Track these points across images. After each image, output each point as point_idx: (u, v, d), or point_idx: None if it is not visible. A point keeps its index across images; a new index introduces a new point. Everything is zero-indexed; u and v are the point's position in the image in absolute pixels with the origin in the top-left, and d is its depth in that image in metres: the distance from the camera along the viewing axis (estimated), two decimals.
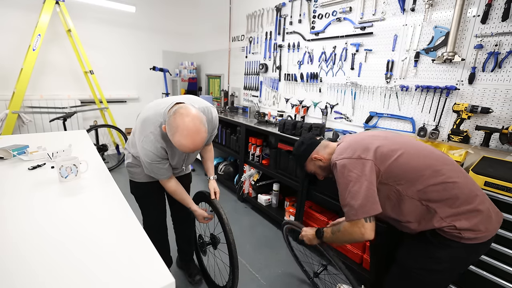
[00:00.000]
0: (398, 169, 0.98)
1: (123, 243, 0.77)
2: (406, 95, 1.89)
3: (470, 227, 0.92)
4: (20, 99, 2.95)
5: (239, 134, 2.81)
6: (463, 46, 1.60)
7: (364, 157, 1.00)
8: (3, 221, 0.84)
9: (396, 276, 1.12)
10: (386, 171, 0.99)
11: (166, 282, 0.63)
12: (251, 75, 3.32)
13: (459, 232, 0.92)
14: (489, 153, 1.55)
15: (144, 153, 1.16)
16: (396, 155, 0.99)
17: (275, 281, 1.79)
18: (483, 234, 0.93)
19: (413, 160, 0.98)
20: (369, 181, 0.96)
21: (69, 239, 0.77)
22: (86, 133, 2.00)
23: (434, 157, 1.01)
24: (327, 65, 2.39)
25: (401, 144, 1.03)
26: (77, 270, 0.65)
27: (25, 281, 0.61)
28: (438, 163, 0.98)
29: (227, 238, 1.37)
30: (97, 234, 0.80)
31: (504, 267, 1.16)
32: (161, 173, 1.25)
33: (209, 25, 4.09)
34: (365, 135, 1.14)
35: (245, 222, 2.48)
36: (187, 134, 0.99)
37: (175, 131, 1.00)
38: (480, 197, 0.96)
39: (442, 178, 0.95)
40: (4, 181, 1.12)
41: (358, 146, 1.05)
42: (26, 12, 3.14)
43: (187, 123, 0.99)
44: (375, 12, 2.00)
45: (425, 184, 0.95)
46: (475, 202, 0.94)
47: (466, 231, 0.92)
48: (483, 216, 0.93)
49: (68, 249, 0.72)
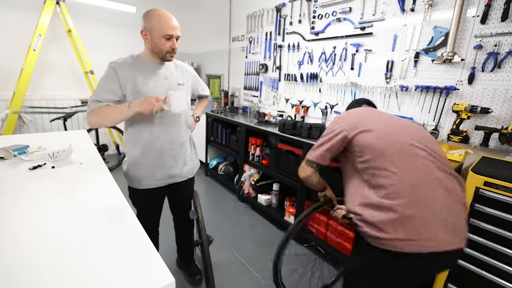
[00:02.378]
0: (360, 142, 1.00)
1: (123, 243, 0.77)
2: (405, 95, 1.90)
3: (375, 223, 0.87)
4: (21, 99, 2.96)
5: (239, 134, 2.81)
6: (462, 46, 1.60)
7: (340, 122, 1.08)
8: (3, 221, 0.84)
9: None
10: (351, 140, 1.03)
11: (166, 282, 0.63)
12: (251, 75, 3.32)
13: (360, 224, 0.92)
14: (489, 153, 1.55)
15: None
16: (364, 129, 1.01)
17: None
18: (392, 237, 0.85)
19: (376, 140, 0.97)
20: (332, 141, 1.06)
21: (69, 239, 0.77)
22: (87, 133, 2.01)
23: (398, 145, 0.95)
24: (327, 65, 2.39)
25: (379, 123, 1.03)
26: (76, 270, 0.65)
27: (25, 281, 0.61)
28: (394, 151, 0.94)
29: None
30: (97, 234, 0.80)
31: (504, 267, 1.16)
32: (99, 94, 1.19)
33: (209, 26, 4.09)
34: (363, 111, 1.16)
35: (245, 222, 2.49)
36: (164, 11, 1.21)
37: (152, 13, 1.19)
38: (420, 202, 0.86)
39: (387, 164, 0.92)
40: (5, 181, 1.12)
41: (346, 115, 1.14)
42: (26, 13, 3.14)
43: (161, 9, 1.22)
44: (375, 13, 2.00)
45: (372, 164, 0.95)
46: (402, 202, 0.86)
47: (368, 224, 0.89)
48: (402, 219, 0.85)
49: (68, 249, 0.72)
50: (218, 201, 2.91)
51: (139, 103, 1.17)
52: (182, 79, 1.40)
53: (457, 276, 1.33)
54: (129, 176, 1.36)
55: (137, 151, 1.31)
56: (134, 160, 1.33)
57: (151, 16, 1.19)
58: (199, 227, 1.50)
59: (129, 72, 1.22)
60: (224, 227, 2.38)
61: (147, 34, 1.21)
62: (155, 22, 1.19)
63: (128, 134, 1.32)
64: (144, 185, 1.36)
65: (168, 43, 1.22)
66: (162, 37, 1.20)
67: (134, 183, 1.37)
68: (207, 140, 3.50)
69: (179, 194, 1.54)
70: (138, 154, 1.32)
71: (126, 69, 1.22)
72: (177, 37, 1.24)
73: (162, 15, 1.20)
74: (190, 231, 1.72)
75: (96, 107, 1.21)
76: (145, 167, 1.33)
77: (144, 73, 1.25)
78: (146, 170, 1.34)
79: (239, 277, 1.79)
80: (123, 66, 1.21)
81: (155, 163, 1.34)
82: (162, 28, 1.19)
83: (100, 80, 1.22)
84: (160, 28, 1.19)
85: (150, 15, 1.20)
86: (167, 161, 1.36)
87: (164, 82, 1.29)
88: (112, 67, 1.20)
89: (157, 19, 1.19)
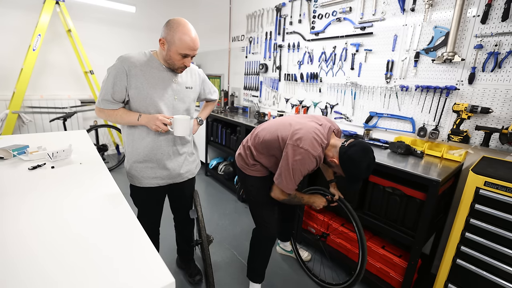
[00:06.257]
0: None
1: (123, 243, 0.77)
2: (406, 95, 1.90)
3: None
4: (20, 99, 2.95)
5: (239, 134, 2.81)
6: (463, 46, 1.60)
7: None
8: (3, 221, 0.84)
9: None
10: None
11: (166, 282, 0.63)
12: (251, 75, 3.32)
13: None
14: (489, 153, 1.55)
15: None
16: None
17: (275, 280, 1.79)
18: None
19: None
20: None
21: (69, 239, 0.77)
22: (86, 133, 2.00)
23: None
24: (327, 65, 2.39)
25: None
26: (76, 270, 0.65)
27: (27, 280, 0.61)
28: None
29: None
30: (97, 234, 0.80)
31: (503, 267, 1.16)
32: (111, 93, 1.19)
33: (209, 25, 4.09)
34: None
35: (245, 222, 2.48)
36: (189, 28, 1.17)
37: (176, 28, 1.14)
38: None
39: None
40: (4, 181, 1.12)
41: None
42: (26, 12, 3.14)
43: (187, 22, 1.18)
44: (375, 12, 2.00)
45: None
46: None
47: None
48: None
49: (67, 249, 0.72)
50: (218, 201, 2.91)
51: (147, 120, 1.23)
52: (191, 82, 1.39)
53: (457, 276, 1.33)
54: (131, 175, 1.37)
55: (139, 151, 1.31)
56: (135, 159, 1.33)
57: (175, 30, 1.14)
58: (199, 227, 1.50)
59: (139, 70, 1.20)
60: (224, 227, 2.37)
61: (165, 44, 1.18)
62: (177, 39, 1.14)
63: (130, 134, 1.32)
64: (146, 184, 1.36)
65: (182, 60, 1.21)
66: (178, 54, 1.18)
67: (135, 181, 1.37)
68: (207, 140, 3.50)
69: (180, 194, 1.54)
70: (139, 154, 1.31)
71: (137, 67, 1.19)
72: (193, 55, 1.23)
73: (185, 33, 1.15)
74: (190, 231, 1.72)
75: (108, 108, 1.23)
76: (147, 167, 1.33)
77: (153, 74, 1.23)
78: (147, 170, 1.34)
79: (239, 277, 1.79)
80: (133, 64, 1.19)
81: (156, 164, 1.34)
82: (182, 46, 1.16)
83: (109, 75, 1.18)
84: (179, 46, 1.15)
85: (174, 29, 1.14)
86: (169, 161, 1.36)
87: (173, 85, 1.29)
88: (121, 62, 1.17)
89: (179, 37, 1.14)
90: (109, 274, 0.64)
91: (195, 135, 1.56)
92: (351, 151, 1.21)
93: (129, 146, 1.33)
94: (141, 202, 1.44)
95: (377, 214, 1.64)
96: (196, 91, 1.44)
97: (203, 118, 1.58)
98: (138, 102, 1.23)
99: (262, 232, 1.55)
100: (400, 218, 1.53)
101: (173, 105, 1.31)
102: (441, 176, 1.33)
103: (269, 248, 1.57)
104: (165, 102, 1.28)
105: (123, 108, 1.26)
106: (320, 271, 1.87)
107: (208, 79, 1.57)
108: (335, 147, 1.28)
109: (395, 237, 1.54)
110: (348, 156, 1.21)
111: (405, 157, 1.68)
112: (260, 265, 1.61)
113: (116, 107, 1.24)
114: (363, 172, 1.22)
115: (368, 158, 1.20)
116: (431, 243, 1.84)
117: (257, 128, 1.51)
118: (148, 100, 1.23)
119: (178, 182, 1.45)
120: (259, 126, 1.51)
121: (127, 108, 1.27)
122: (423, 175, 1.37)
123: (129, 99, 1.23)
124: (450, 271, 1.35)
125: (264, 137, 1.39)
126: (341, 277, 1.82)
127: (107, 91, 1.19)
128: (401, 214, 1.53)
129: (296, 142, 1.23)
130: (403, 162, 1.58)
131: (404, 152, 1.71)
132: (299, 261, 1.94)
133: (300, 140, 1.23)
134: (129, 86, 1.20)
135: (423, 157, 1.68)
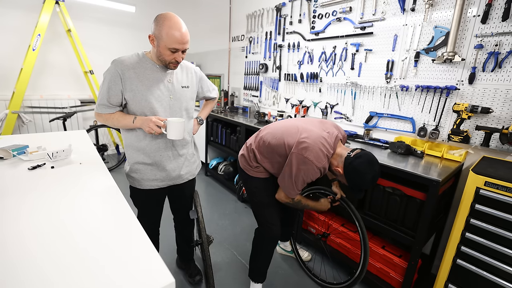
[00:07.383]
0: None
1: (123, 243, 0.77)
2: (406, 95, 1.89)
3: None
4: (20, 99, 2.95)
5: (239, 134, 2.81)
6: (463, 46, 1.60)
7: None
8: (3, 221, 0.84)
9: None
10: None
11: (166, 282, 0.62)
12: (251, 75, 3.32)
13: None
14: (489, 153, 1.55)
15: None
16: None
17: (275, 280, 1.79)
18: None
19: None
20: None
21: (68, 239, 0.77)
22: (86, 133, 2.00)
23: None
24: (327, 65, 2.39)
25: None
26: (76, 270, 0.65)
27: (27, 280, 0.61)
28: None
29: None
30: (97, 234, 0.80)
31: (503, 267, 1.16)
32: (108, 98, 1.19)
33: (209, 25, 4.09)
34: None
35: (245, 222, 2.48)
36: (176, 21, 1.15)
37: (163, 22, 1.13)
38: None
39: None
40: (4, 181, 1.12)
41: None
42: (26, 12, 3.14)
43: (174, 15, 1.16)
44: (375, 12, 2.00)
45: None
46: None
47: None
48: None
49: (67, 250, 0.72)
50: (218, 201, 2.91)
51: (142, 123, 1.21)
52: (187, 81, 1.37)
53: (457, 276, 1.33)
54: (131, 177, 1.36)
55: (138, 152, 1.31)
56: (135, 161, 1.33)
57: (162, 24, 1.13)
58: (199, 227, 1.50)
59: (133, 73, 1.19)
60: (224, 227, 2.37)
61: (154, 41, 1.18)
62: (164, 33, 1.13)
63: (129, 136, 1.32)
64: (146, 186, 1.35)
65: (173, 55, 1.19)
66: (168, 49, 1.16)
67: (135, 183, 1.36)
68: (207, 140, 3.50)
69: (180, 194, 1.53)
70: (139, 155, 1.31)
71: (130, 70, 1.19)
72: (183, 50, 1.21)
73: (172, 27, 1.13)
74: (190, 231, 1.72)
75: (105, 112, 1.24)
76: (146, 169, 1.33)
77: (147, 75, 1.22)
78: (147, 172, 1.33)
79: (239, 277, 1.79)
80: (127, 67, 1.19)
81: (155, 166, 1.33)
82: (170, 41, 1.14)
83: (104, 80, 1.19)
84: (167, 40, 1.14)
85: (161, 23, 1.13)
86: (168, 163, 1.36)
87: (168, 85, 1.28)
88: (115, 66, 1.18)
89: (166, 31, 1.13)
90: (109, 274, 0.64)
91: (195, 136, 1.56)
92: (357, 162, 1.20)
93: (128, 148, 1.33)
94: (141, 203, 1.43)
95: (377, 214, 1.64)
96: (193, 90, 1.42)
97: (203, 117, 1.57)
98: (134, 104, 1.23)
99: (265, 232, 1.55)
100: (400, 218, 1.53)
101: (169, 105, 1.30)
102: (441, 176, 1.33)
103: (271, 248, 1.57)
104: (161, 103, 1.26)
105: (119, 112, 1.26)
106: (321, 271, 1.87)
107: (207, 77, 1.56)
108: (341, 156, 1.27)
109: (395, 237, 1.54)
110: (353, 167, 1.20)
111: (405, 157, 1.68)
112: (262, 264, 1.61)
113: (113, 111, 1.24)
114: (367, 184, 1.21)
115: (373, 171, 1.20)
116: (431, 243, 1.84)
117: (262, 130, 1.49)
118: (144, 101, 1.23)
119: (178, 183, 1.45)
120: (263, 129, 1.49)
121: (125, 111, 1.27)
122: (423, 175, 1.36)
123: (126, 102, 1.23)
124: (450, 271, 1.35)
125: (270, 141, 1.38)
126: (341, 277, 1.82)
127: (103, 96, 1.20)
128: (401, 214, 1.53)
129: (302, 151, 1.22)
130: (403, 162, 1.58)
131: (404, 152, 1.71)
132: (299, 261, 1.94)
133: (306, 150, 1.21)
134: (124, 89, 1.19)
135: (423, 157, 1.67)
